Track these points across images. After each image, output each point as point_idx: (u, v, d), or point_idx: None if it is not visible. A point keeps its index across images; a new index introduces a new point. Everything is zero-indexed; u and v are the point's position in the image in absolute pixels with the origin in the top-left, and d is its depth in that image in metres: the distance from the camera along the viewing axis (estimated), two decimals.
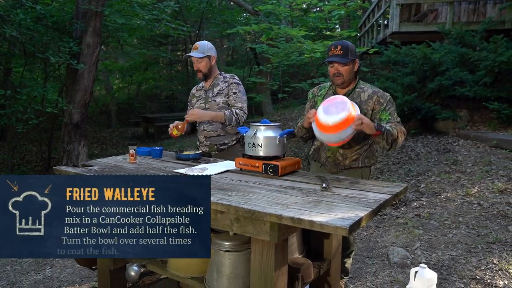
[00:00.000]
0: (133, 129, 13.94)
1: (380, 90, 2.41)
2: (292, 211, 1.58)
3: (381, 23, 9.12)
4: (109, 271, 2.47)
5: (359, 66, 2.44)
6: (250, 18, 12.12)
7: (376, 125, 2.14)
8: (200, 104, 2.99)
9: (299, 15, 9.68)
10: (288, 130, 2.35)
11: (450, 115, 5.91)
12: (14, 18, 6.71)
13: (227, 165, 2.48)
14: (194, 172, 2.28)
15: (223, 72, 3.06)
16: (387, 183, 2.12)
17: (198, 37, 13.30)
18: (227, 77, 2.96)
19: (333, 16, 6.84)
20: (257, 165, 2.24)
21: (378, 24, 9.28)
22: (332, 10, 6.81)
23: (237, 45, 15.96)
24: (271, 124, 2.31)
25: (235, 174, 2.28)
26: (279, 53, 7.11)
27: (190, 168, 2.39)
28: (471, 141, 5.43)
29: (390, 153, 5.80)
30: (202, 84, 3.06)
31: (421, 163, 5.14)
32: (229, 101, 2.91)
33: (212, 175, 2.19)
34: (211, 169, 2.35)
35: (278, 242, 1.65)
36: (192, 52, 2.90)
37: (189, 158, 2.69)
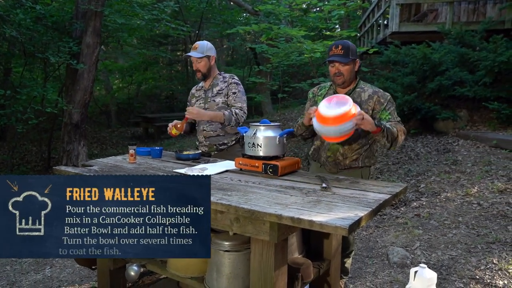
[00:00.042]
0: (133, 129, 13.94)
1: (380, 90, 2.41)
2: (292, 211, 1.58)
3: (381, 23, 9.13)
4: (109, 271, 2.47)
5: (360, 66, 2.45)
6: (250, 18, 12.13)
7: (376, 122, 2.15)
8: (199, 104, 2.99)
9: (299, 15, 9.68)
10: (288, 130, 2.35)
11: (450, 115, 5.92)
12: (13, 18, 6.70)
13: (227, 165, 2.48)
14: (194, 172, 2.28)
15: (222, 72, 3.06)
16: (387, 183, 2.12)
17: (198, 37, 13.29)
18: (226, 77, 2.96)
19: (333, 16, 6.85)
20: (257, 165, 2.24)
21: (378, 24, 9.28)
22: (332, 10, 6.81)
23: (237, 45, 15.96)
24: (271, 124, 2.31)
25: (235, 174, 2.28)
26: (279, 53, 7.12)
27: (190, 168, 2.39)
28: (471, 141, 5.43)
29: (390, 153, 5.80)
30: (201, 84, 3.06)
31: (421, 163, 5.14)
32: (228, 101, 2.90)
33: (212, 175, 2.19)
34: (210, 169, 2.35)
35: (277, 242, 1.65)
36: (191, 52, 2.90)
37: (189, 158, 2.69)
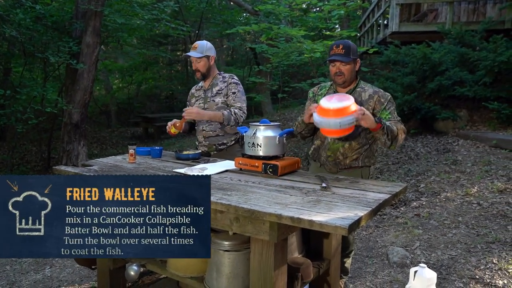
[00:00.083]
0: (133, 129, 13.94)
1: (381, 90, 2.41)
2: (291, 210, 1.58)
3: (381, 23, 9.13)
4: (109, 271, 2.48)
5: (360, 65, 2.45)
6: (249, 18, 12.12)
7: (376, 119, 2.16)
8: (199, 104, 2.99)
9: (299, 15, 9.68)
10: (287, 130, 2.35)
11: (449, 115, 5.92)
12: (13, 17, 6.70)
13: (226, 164, 2.48)
14: (193, 172, 2.28)
15: (222, 72, 3.06)
16: (386, 182, 2.12)
17: (198, 37, 13.30)
18: (226, 77, 2.96)
19: (333, 16, 6.85)
20: (257, 164, 2.24)
21: (378, 24, 9.29)
22: (331, 10, 6.81)
23: (236, 45, 15.96)
24: (270, 124, 2.31)
25: (234, 173, 2.28)
26: (279, 53, 7.11)
27: (189, 168, 2.39)
28: (470, 141, 5.43)
29: (389, 153, 5.80)
30: (201, 84, 3.06)
31: (420, 163, 5.14)
32: (228, 101, 2.90)
33: (211, 174, 2.19)
34: (210, 168, 2.35)
35: (277, 241, 1.65)
36: (190, 51, 2.89)
37: (188, 158, 2.69)
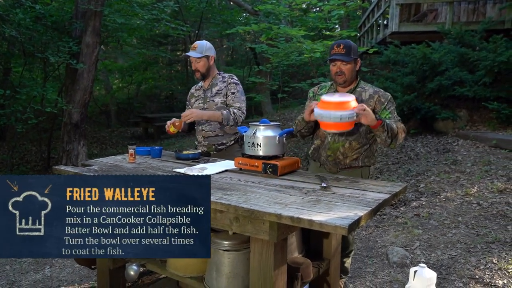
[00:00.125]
0: (133, 129, 13.93)
1: (381, 90, 2.42)
2: (291, 210, 1.58)
3: (380, 23, 9.13)
4: (109, 271, 2.48)
5: (360, 65, 2.45)
6: (249, 18, 12.13)
7: (377, 116, 2.17)
8: (198, 104, 2.99)
9: (299, 15, 9.68)
10: (287, 129, 2.35)
11: (449, 115, 5.92)
12: (13, 17, 6.70)
13: (226, 164, 2.48)
14: (193, 171, 2.28)
15: (222, 72, 3.05)
16: (386, 182, 2.12)
17: (197, 37, 13.30)
18: (225, 77, 2.96)
19: (333, 16, 6.85)
20: (257, 164, 2.24)
21: (377, 24, 9.29)
22: (331, 10, 6.81)
23: (236, 45, 15.96)
24: (270, 123, 2.31)
25: (234, 173, 2.28)
26: (279, 53, 7.12)
27: (189, 167, 2.39)
28: (470, 141, 5.43)
29: (389, 153, 5.81)
30: (201, 84, 3.06)
31: (420, 163, 5.14)
32: (227, 101, 2.90)
33: (211, 174, 2.19)
34: (210, 168, 2.35)
35: (277, 241, 1.65)
36: (190, 51, 2.89)
37: (188, 157, 2.69)
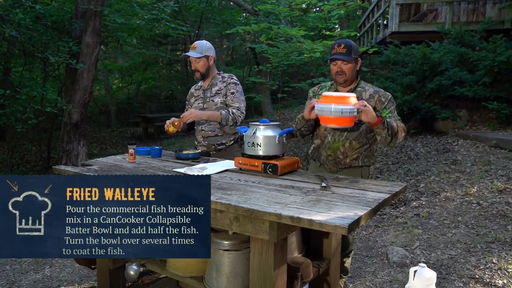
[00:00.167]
0: (133, 129, 13.93)
1: (381, 89, 2.43)
2: (291, 210, 1.58)
3: (380, 23, 9.13)
4: (109, 271, 2.48)
5: (361, 65, 2.45)
6: (249, 18, 12.12)
7: (377, 113, 2.18)
8: (198, 103, 2.99)
9: (299, 15, 9.69)
10: (287, 129, 2.35)
11: (449, 115, 5.92)
12: (13, 17, 6.70)
13: (226, 164, 2.48)
14: (193, 171, 2.28)
15: (221, 72, 3.06)
16: (386, 182, 2.12)
17: (197, 37, 13.30)
18: (225, 77, 2.96)
19: (333, 16, 6.85)
20: (257, 164, 2.24)
21: (377, 24, 9.29)
22: (331, 10, 6.82)
23: (236, 45, 15.96)
24: (270, 123, 2.31)
25: (234, 173, 2.28)
26: (279, 53, 7.12)
27: (189, 167, 2.39)
28: (470, 141, 5.43)
29: (389, 153, 5.81)
30: (200, 83, 3.06)
31: (420, 162, 5.15)
32: (227, 101, 2.90)
33: (211, 174, 2.19)
34: (210, 168, 2.35)
35: (277, 241, 1.65)
36: (190, 51, 2.89)
37: (188, 157, 2.69)
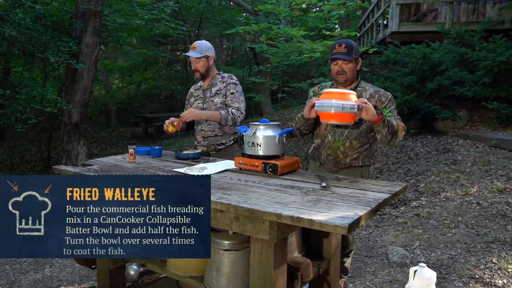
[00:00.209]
0: (133, 129, 13.93)
1: (381, 89, 2.43)
2: (291, 210, 1.58)
3: (380, 23, 9.13)
4: (109, 270, 2.48)
5: (361, 65, 2.46)
6: (249, 18, 12.13)
7: (377, 111, 2.18)
8: (198, 104, 2.99)
9: (299, 15, 9.69)
10: (287, 129, 2.35)
11: (449, 115, 5.92)
12: (13, 17, 6.70)
13: (226, 164, 2.48)
14: (193, 171, 2.28)
15: (221, 72, 3.05)
16: (386, 182, 2.12)
17: (197, 37, 13.30)
18: (225, 77, 2.96)
19: (333, 16, 6.85)
20: (257, 164, 2.24)
21: (377, 24, 9.29)
22: (331, 10, 6.82)
23: (236, 45, 15.97)
24: (270, 123, 2.31)
25: (234, 173, 2.28)
26: (279, 53, 7.12)
27: (189, 167, 2.39)
28: (470, 141, 5.43)
29: (389, 153, 5.81)
30: (200, 83, 3.06)
31: (420, 162, 5.15)
32: (226, 101, 2.91)
33: (211, 174, 2.19)
34: (210, 168, 2.35)
35: (277, 241, 1.65)
36: (190, 52, 2.89)
37: (188, 157, 2.69)
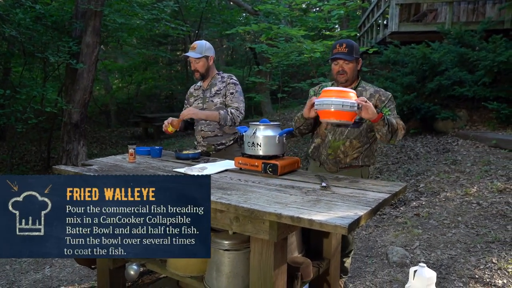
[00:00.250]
0: (133, 129, 13.93)
1: (381, 89, 2.44)
2: (291, 210, 1.58)
3: (380, 23, 9.13)
4: (109, 270, 2.48)
5: (362, 65, 2.46)
6: (249, 18, 12.13)
7: (377, 110, 2.18)
8: (198, 104, 2.99)
9: (299, 15, 9.70)
10: (287, 129, 2.35)
11: (449, 115, 5.92)
12: (13, 17, 6.70)
13: (226, 164, 2.48)
14: (193, 171, 2.28)
15: (221, 72, 3.05)
16: (386, 182, 2.12)
17: (197, 37, 13.29)
18: (224, 77, 2.96)
19: (333, 16, 6.85)
20: (257, 164, 2.24)
21: (377, 24, 9.29)
22: (331, 10, 6.82)
23: (236, 45, 15.97)
24: (270, 123, 2.31)
25: (234, 173, 2.28)
26: (279, 53, 7.12)
27: (189, 167, 2.39)
28: (470, 141, 5.43)
29: (389, 153, 5.81)
30: (200, 83, 3.06)
31: (420, 162, 5.15)
32: (226, 101, 2.91)
33: (211, 174, 2.19)
34: (210, 168, 2.36)
35: (277, 241, 1.65)
36: (189, 52, 2.89)
37: (188, 157, 2.70)
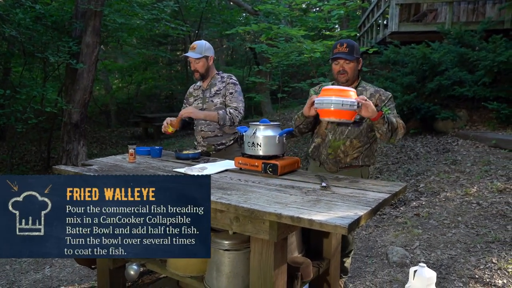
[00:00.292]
0: (133, 129, 13.93)
1: (382, 89, 2.45)
2: (291, 210, 1.58)
3: (380, 23, 9.13)
4: (109, 270, 2.48)
5: (362, 65, 2.46)
6: (249, 18, 12.12)
7: (377, 108, 2.19)
8: (197, 104, 2.99)
9: (299, 15, 9.70)
10: (287, 129, 2.35)
11: (449, 115, 5.92)
12: (13, 17, 6.70)
13: (226, 164, 2.48)
14: (193, 171, 2.28)
15: (221, 72, 3.05)
16: (386, 182, 2.12)
17: (197, 37, 13.29)
18: (224, 77, 2.96)
19: (333, 16, 6.85)
20: (257, 164, 2.24)
21: (377, 24, 9.29)
22: (331, 10, 6.82)
23: (236, 45, 15.97)
24: (270, 123, 2.31)
25: (234, 173, 2.28)
26: (279, 53, 7.12)
27: (189, 167, 2.39)
28: (470, 141, 5.44)
29: (389, 153, 5.81)
30: (199, 83, 3.06)
31: (420, 162, 5.15)
32: (226, 101, 2.91)
33: (211, 174, 2.19)
34: (210, 168, 2.36)
35: (277, 241, 1.65)
36: (189, 52, 2.89)
37: (188, 157, 2.70)
